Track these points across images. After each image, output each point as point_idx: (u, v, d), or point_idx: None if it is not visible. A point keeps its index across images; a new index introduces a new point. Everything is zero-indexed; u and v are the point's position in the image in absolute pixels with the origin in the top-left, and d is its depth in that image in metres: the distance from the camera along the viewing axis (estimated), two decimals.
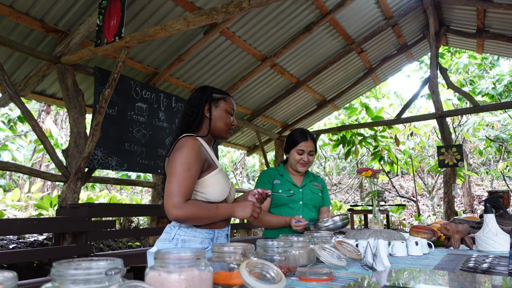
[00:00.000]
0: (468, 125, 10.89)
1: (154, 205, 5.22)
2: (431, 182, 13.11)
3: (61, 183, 4.38)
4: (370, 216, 6.98)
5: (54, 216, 4.92)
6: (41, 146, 6.57)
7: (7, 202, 7.08)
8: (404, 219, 11.35)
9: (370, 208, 7.53)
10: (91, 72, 4.17)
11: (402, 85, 23.97)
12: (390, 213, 9.70)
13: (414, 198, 11.67)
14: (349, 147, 8.83)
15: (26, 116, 3.58)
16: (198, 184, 1.45)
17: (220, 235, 1.53)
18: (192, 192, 1.40)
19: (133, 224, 7.30)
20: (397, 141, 9.60)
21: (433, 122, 9.46)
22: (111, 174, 9.48)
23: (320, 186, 2.24)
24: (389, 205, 8.19)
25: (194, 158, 1.40)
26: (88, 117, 4.53)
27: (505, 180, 11.78)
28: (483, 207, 1.78)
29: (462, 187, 11.63)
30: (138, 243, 6.17)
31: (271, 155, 10.03)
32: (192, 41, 4.67)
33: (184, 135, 1.49)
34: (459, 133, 11.10)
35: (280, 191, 2.11)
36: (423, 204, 12.70)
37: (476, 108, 6.35)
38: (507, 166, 11.72)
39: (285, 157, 2.29)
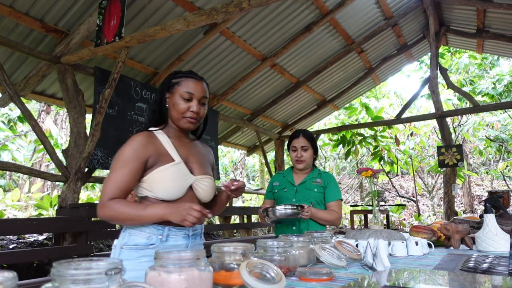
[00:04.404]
0: (468, 125, 10.89)
1: None
2: (431, 182, 13.11)
3: (61, 183, 4.38)
4: (370, 216, 6.99)
5: (54, 216, 4.92)
6: (41, 146, 6.58)
7: (7, 202, 7.09)
8: (404, 219, 11.35)
9: (370, 208, 7.53)
10: (91, 72, 4.17)
11: (402, 85, 23.98)
12: (390, 213, 9.70)
13: (414, 198, 11.67)
14: (349, 147, 8.83)
15: (26, 116, 3.58)
16: (145, 182, 1.37)
17: (174, 234, 1.39)
18: (124, 190, 1.32)
19: None
20: (397, 141, 9.61)
21: (433, 122, 9.46)
22: None
23: (321, 182, 2.24)
24: (389, 205, 8.20)
25: (131, 155, 1.33)
26: (88, 117, 4.53)
27: (505, 180, 11.78)
28: (483, 207, 1.78)
29: (462, 187, 11.63)
30: None
31: (271, 155, 10.03)
32: (192, 41, 4.67)
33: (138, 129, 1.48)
34: (459, 133, 11.10)
35: (276, 190, 2.32)
36: (423, 204, 12.70)
37: (476, 108, 6.35)
38: (507, 166, 11.73)
39: None
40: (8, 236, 4.90)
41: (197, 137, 1.63)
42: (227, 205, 7.97)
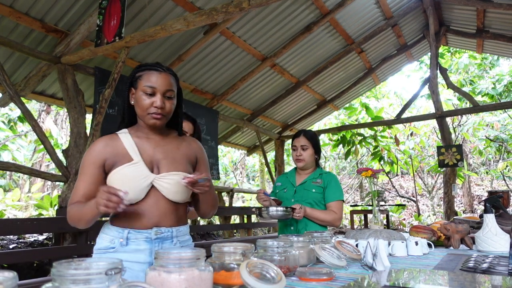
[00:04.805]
0: (468, 125, 10.89)
1: None
2: (431, 182, 13.11)
3: (61, 183, 4.38)
4: (370, 216, 6.98)
5: (54, 216, 4.93)
6: (41, 146, 6.58)
7: (7, 202, 7.09)
8: (404, 219, 11.36)
9: (370, 208, 7.53)
10: (91, 72, 4.17)
11: (402, 85, 23.97)
12: (390, 213, 9.70)
13: (414, 198, 11.67)
14: (349, 147, 8.83)
15: (26, 116, 3.58)
16: (108, 183, 1.33)
17: (135, 237, 1.31)
18: (85, 195, 1.30)
19: None
20: (397, 141, 9.61)
21: (433, 122, 9.46)
22: None
23: (321, 183, 2.24)
24: (389, 205, 8.19)
25: (88, 160, 1.33)
26: (88, 117, 4.53)
27: (505, 180, 11.78)
28: (483, 207, 1.78)
29: (462, 187, 11.63)
30: None
31: (271, 155, 10.03)
32: (192, 41, 4.67)
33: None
34: (459, 133, 11.11)
35: (277, 190, 2.36)
36: (423, 204, 12.70)
37: (476, 108, 6.35)
38: (507, 166, 11.72)
39: None
40: (8, 236, 4.90)
41: (179, 133, 1.50)
42: (227, 205, 7.95)
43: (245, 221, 7.16)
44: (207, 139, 5.86)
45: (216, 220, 8.38)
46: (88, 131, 3.92)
